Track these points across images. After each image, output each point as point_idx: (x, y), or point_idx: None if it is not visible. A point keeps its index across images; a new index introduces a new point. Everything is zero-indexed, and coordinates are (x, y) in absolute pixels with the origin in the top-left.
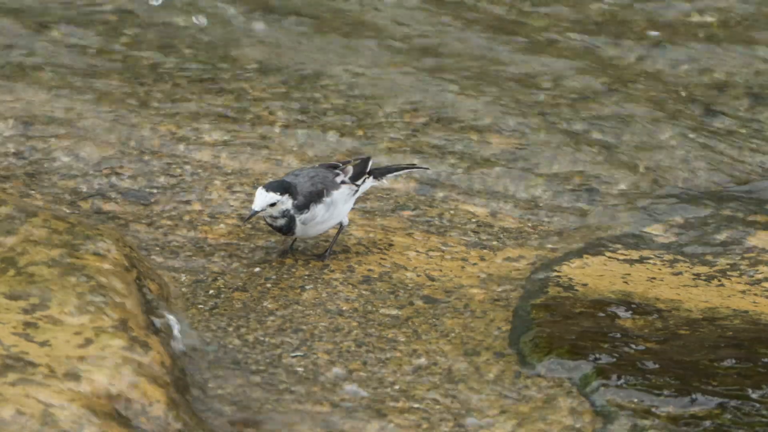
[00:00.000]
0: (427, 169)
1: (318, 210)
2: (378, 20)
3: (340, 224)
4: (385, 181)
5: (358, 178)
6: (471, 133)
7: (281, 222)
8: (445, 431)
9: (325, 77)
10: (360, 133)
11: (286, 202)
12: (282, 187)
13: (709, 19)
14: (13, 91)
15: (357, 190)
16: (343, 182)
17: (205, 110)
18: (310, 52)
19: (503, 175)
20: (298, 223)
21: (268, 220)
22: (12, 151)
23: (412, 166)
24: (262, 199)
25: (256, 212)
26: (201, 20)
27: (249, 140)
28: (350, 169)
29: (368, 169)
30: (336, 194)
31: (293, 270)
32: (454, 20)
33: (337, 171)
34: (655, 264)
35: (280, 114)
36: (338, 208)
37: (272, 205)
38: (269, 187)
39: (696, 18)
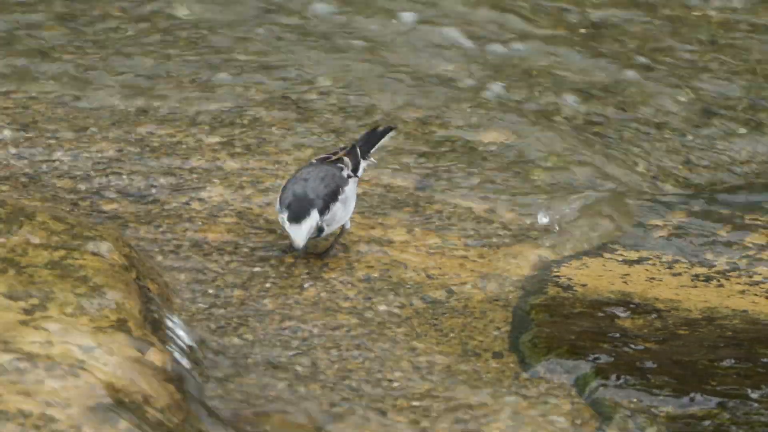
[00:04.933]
0: (395, 128)
1: (336, 209)
2: (374, 20)
3: (343, 226)
4: (373, 159)
5: (357, 170)
6: (470, 131)
7: (310, 240)
8: (444, 430)
9: (324, 77)
10: (359, 132)
11: (315, 216)
12: (304, 209)
13: (711, 12)
14: (12, 91)
15: (358, 181)
16: (349, 176)
17: (205, 109)
18: (310, 51)
19: (503, 172)
20: (324, 227)
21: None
22: (11, 151)
23: (386, 131)
24: (301, 235)
25: (302, 248)
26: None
27: (248, 140)
28: (348, 161)
29: (362, 163)
30: (347, 189)
31: (293, 269)
32: (449, 18)
33: (340, 165)
34: (654, 264)
35: (279, 114)
36: (349, 205)
37: (308, 231)
38: (296, 217)
39: (697, 14)
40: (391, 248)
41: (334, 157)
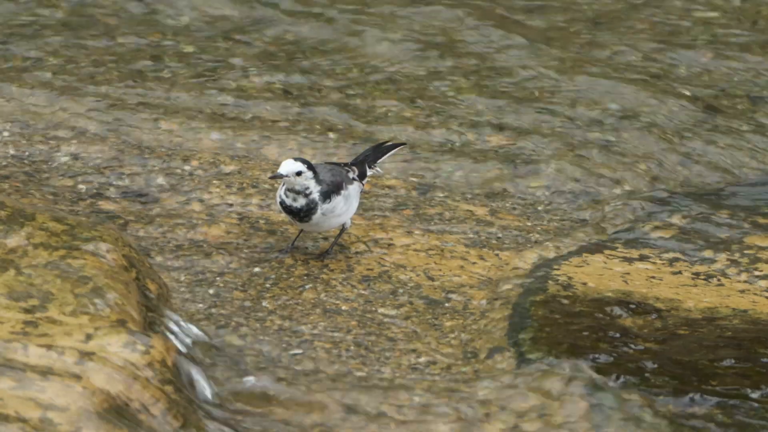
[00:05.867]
0: (405, 144)
1: (338, 201)
2: (377, 14)
3: (343, 226)
4: (379, 169)
5: (362, 178)
6: (470, 131)
7: (301, 203)
8: (444, 429)
9: (324, 76)
10: (360, 131)
11: (310, 179)
12: (308, 162)
13: (711, 14)
14: (13, 92)
15: (362, 189)
16: (354, 179)
17: (205, 109)
18: (309, 49)
19: (503, 173)
20: (319, 211)
21: (288, 200)
22: (11, 151)
23: (395, 146)
24: (290, 165)
25: (282, 175)
26: None
27: (248, 140)
28: (355, 168)
29: (368, 172)
30: (351, 189)
31: (292, 269)
32: (462, 16)
33: (347, 169)
34: (654, 263)
35: (280, 113)
36: (351, 203)
37: (298, 174)
38: (297, 159)
39: (699, 15)
40: (391, 249)
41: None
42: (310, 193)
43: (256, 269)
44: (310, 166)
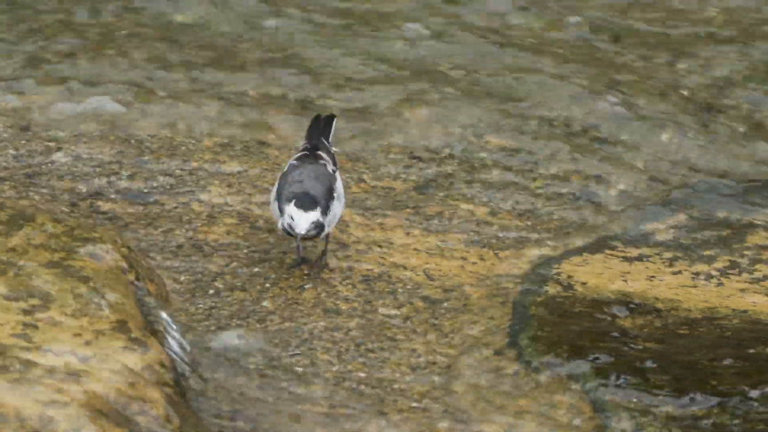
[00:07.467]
0: (336, 116)
1: (335, 206)
2: (374, 16)
3: (327, 234)
4: (336, 149)
5: (336, 163)
6: (470, 132)
7: (313, 232)
8: (445, 429)
9: (324, 77)
10: (358, 131)
11: (318, 212)
12: (313, 201)
13: (711, 14)
14: (12, 92)
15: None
16: (334, 170)
17: (205, 110)
18: (309, 50)
19: (502, 173)
20: (326, 227)
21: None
22: (11, 152)
23: (329, 120)
24: (305, 221)
25: (303, 236)
26: None
27: (248, 141)
28: (326, 156)
29: (332, 151)
30: (338, 186)
31: (293, 269)
32: (451, 16)
33: (322, 162)
34: (654, 263)
35: (279, 114)
36: (342, 197)
37: (313, 222)
38: (304, 206)
39: (698, 15)
40: (391, 249)
41: (309, 155)
42: (319, 220)
43: (256, 269)
44: (316, 202)
